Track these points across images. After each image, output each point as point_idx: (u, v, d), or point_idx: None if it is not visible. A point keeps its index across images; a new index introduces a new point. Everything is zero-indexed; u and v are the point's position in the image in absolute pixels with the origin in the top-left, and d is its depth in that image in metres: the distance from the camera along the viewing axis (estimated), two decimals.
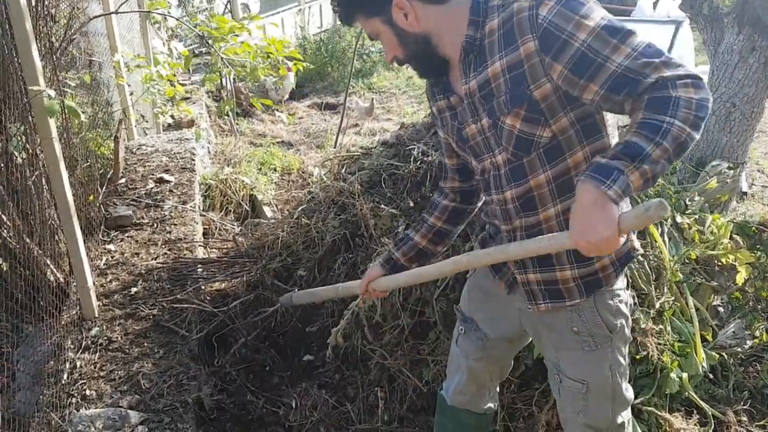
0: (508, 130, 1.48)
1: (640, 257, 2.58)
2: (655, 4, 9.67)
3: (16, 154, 2.62)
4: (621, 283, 1.69)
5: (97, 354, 2.80)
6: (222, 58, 3.70)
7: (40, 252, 2.99)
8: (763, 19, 3.82)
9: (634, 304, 2.48)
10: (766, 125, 6.63)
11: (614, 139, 1.56)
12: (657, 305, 2.54)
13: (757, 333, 2.97)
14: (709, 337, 2.79)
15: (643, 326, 2.47)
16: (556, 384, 1.78)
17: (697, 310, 2.66)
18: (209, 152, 5.68)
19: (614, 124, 1.62)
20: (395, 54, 1.58)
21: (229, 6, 9.53)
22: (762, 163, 5.93)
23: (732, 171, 3.53)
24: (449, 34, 1.49)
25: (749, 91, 3.96)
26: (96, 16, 3.89)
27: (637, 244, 1.73)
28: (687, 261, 2.82)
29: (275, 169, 5.57)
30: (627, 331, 1.72)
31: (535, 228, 1.59)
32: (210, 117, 6.60)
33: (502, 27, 1.42)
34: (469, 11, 1.47)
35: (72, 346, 2.82)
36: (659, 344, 2.52)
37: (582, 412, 1.74)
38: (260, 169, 5.46)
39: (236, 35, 3.97)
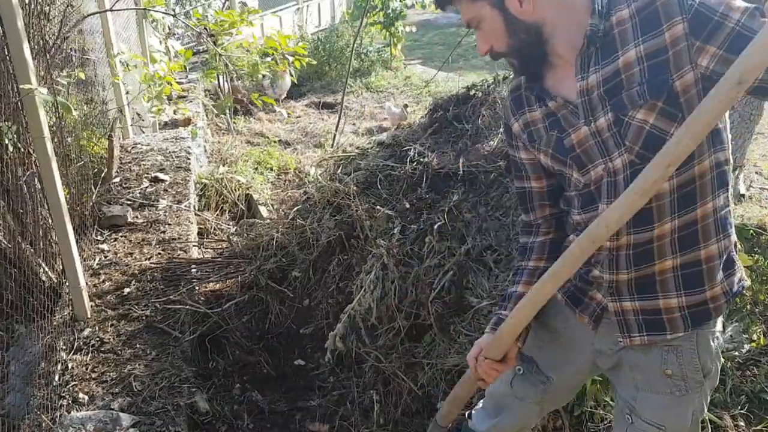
0: (638, 125, 1.32)
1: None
2: None
3: (10, 147, 2.59)
4: (720, 324, 1.53)
5: (89, 355, 2.77)
6: (220, 54, 3.67)
7: (32, 252, 2.97)
8: None
9: None
10: (764, 127, 6.61)
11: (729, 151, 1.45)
12: None
13: (755, 336, 2.95)
14: None
15: None
16: (626, 425, 1.60)
17: None
18: (205, 151, 5.66)
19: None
20: (495, 45, 1.42)
21: (227, 4, 9.49)
22: (760, 164, 5.91)
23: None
24: (564, 26, 1.36)
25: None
26: (91, 14, 3.85)
27: (744, 274, 1.56)
28: None
29: (271, 169, 5.54)
30: (717, 376, 1.57)
31: (645, 247, 1.43)
32: (207, 116, 6.57)
33: (639, 14, 1.30)
34: (591, 1, 1.34)
35: (64, 347, 2.80)
36: None
37: None
38: (256, 168, 5.43)
39: (239, 30, 3.93)
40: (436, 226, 2.70)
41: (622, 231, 1.41)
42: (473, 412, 1.95)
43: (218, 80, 7.42)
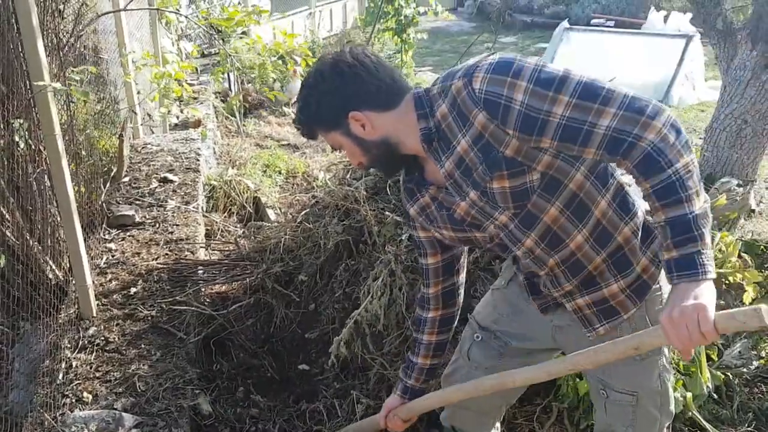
0: (499, 192, 1.51)
1: None
2: (665, 18, 9.63)
3: (21, 144, 2.60)
4: (662, 281, 1.69)
5: (94, 354, 2.77)
6: (229, 55, 3.68)
7: (40, 249, 2.97)
8: None
9: None
10: None
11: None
12: None
13: (763, 353, 2.93)
14: (714, 357, 2.75)
15: None
16: (602, 400, 1.78)
17: None
18: (215, 153, 5.66)
19: None
20: (360, 161, 1.63)
21: (240, 7, 9.53)
22: None
23: (741, 188, 3.49)
24: (406, 133, 1.55)
25: (761, 108, 3.91)
26: (104, 13, 3.87)
27: None
28: None
29: (280, 172, 5.54)
30: (666, 358, 1.73)
31: (572, 258, 1.60)
32: (217, 118, 6.58)
33: (453, 110, 1.47)
34: (414, 108, 1.53)
35: (69, 346, 2.79)
36: None
37: (631, 426, 1.75)
38: (265, 171, 5.43)
39: (245, 30, 3.93)
40: None
41: (545, 258, 1.61)
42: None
43: (229, 82, 7.45)
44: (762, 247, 3.02)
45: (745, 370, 2.80)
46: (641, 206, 1.64)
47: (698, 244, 1.32)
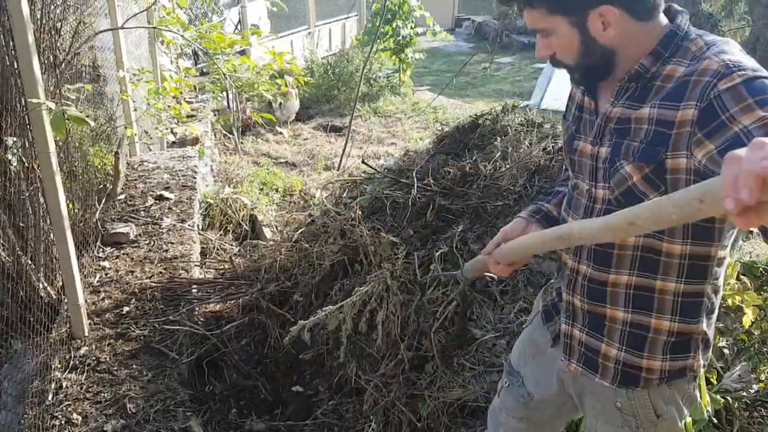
0: (624, 175, 1.33)
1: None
2: None
3: (14, 162, 2.57)
4: (661, 406, 1.51)
5: (84, 374, 2.72)
6: (223, 73, 3.69)
7: (33, 267, 2.94)
8: None
9: None
10: None
11: (723, 251, 1.40)
12: None
13: (763, 377, 2.89)
14: (714, 380, 2.71)
15: None
16: None
17: None
18: (212, 170, 5.65)
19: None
20: (561, 56, 1.40)
21: (239, 27, 9.58)
22: None
23: None
24: (632, 54, 1.34)
25: None
26: (102, 31, 3.87)
27: (698, 366, 1.50)
28: None
29: (277, 190, 5.52)
30: (679, 424, 1.53)
31: (600, 285, 1.46)
32: (215, 135, 6.58)
33: (679, 80, 1.26)
34: (660, 39, 1.32)
35: (59, 366, 2.75)
36: None
37: None
38: (262, 189, 5.42)
39: (244, 49, 3.95)
40: (438, 253, 2.66)
41: (582, 256, 1.46)
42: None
43: (228, 101, 7.45)
44: (761, 269, 3.00)
45: (744, 393, 2.76)
46: (708, 325, 1.48)
47: None
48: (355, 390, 2.81)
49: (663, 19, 1.33)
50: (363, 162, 3.55)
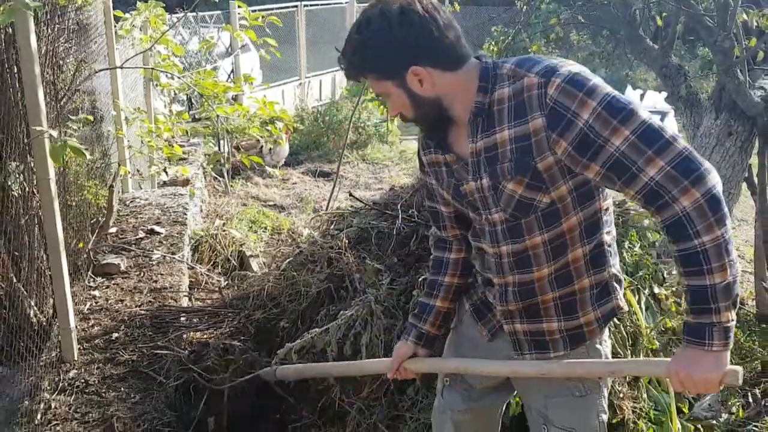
0: (509, 194, 1.55)
1: (616, 320, 2.62)
2: (642, 97, 10.06)
3: (14, 187, 2.68)
4: (606, 332, 1.77)
5: (73, 396, 2.77)
6: (217, 115, 3.86)
7: (25, 293, 3.00)
8: (740, 105, 4.02)
9: None
10: (749, 215, 6.77)
11: (606, 201, 1.65)
12: None
13: (734, 409, 2.98)
14: (685, 409, 2.80)
15: (619, 389, 2.49)
16: None
17: None
18: (201, 210, 5.76)
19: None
20: (403, 113, 1.63)
21: (232, 75, 9.85)
22: (743, 249, 6.03)
23: None
24: (460, 97, 1.55)
25: (726, 173, 4.12)
26: (101, 69, 4.05)
27: (623, 303, 1.76)
28: (664, 330, 2.85)
29: (266, 229, 5.64)
30: (609, 380, 1.79)
31: (528, 285, 1.65)
32: (205, 178, 6.72)
33: (513, 99, 1.49)
34: (478, 77, 1.53)
35: (48, 387, 2.79)
36: (635, 409, 2.53)
37: None
38: (251, 227, 5.53)
39: (236, 95, 4.13)
40: (420, 279, 2.77)
41: (507, 271, 1.65)
42: None
43: (219, 145, 7.62)
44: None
45: (714, 422, 2.85)
46: (614, 266, 1.70)
47: (712, 317, 1.38)
48: (337, 414, 2.86)
49: (473, 62, 1.56)
50: (350, 195, 3.69)
